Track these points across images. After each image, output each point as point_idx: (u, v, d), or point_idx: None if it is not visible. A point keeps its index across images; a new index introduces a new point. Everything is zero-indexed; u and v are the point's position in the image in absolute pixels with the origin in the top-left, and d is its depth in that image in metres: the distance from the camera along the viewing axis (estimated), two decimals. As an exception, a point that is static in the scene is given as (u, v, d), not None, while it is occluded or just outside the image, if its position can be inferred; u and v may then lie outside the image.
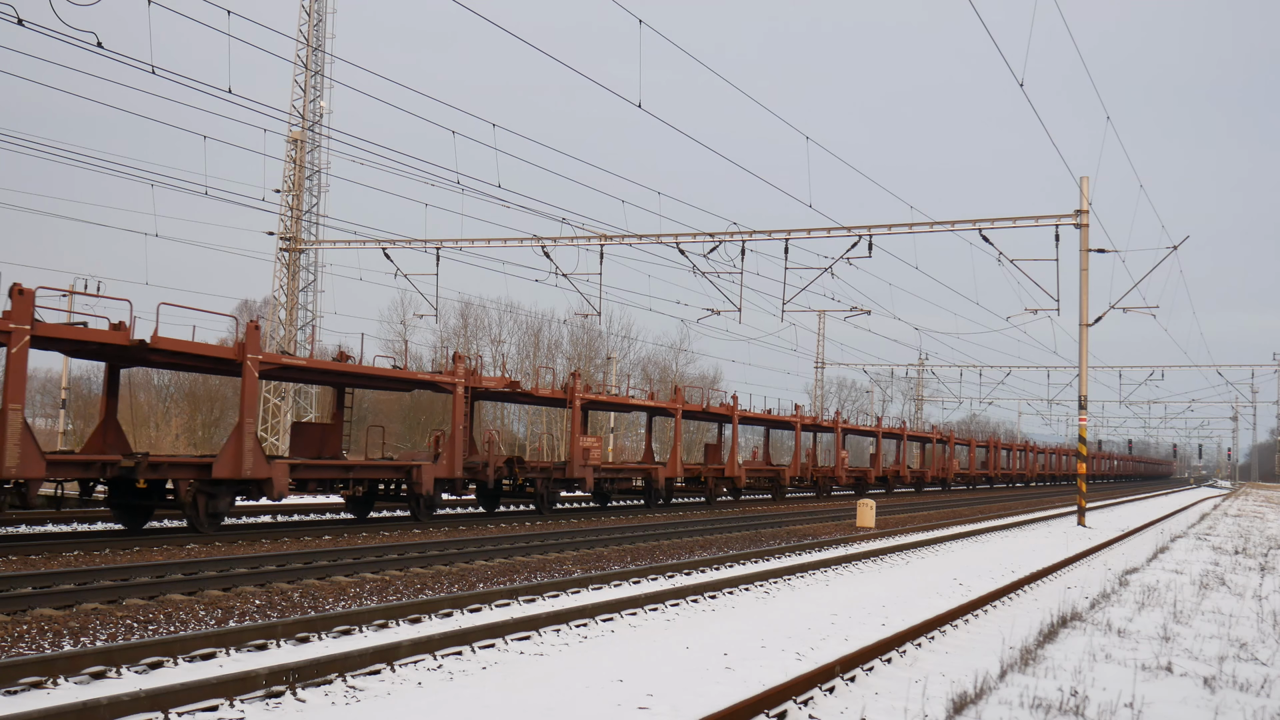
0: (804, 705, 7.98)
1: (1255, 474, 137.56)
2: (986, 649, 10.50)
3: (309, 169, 42.63)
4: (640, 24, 20.71)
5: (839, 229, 31.90)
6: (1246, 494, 75.24)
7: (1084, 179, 30.85)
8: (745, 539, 22.77)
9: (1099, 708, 7.60)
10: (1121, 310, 33.61)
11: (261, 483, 19.82)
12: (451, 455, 24.61)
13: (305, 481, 21.71)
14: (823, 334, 77.62)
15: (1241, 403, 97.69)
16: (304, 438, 25.25)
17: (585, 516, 28.78)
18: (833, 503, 41.99)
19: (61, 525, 21.11)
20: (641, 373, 73.15)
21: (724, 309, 34.35)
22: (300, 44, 41.26)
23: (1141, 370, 74.03)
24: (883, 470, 54.43)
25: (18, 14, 16.36)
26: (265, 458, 19.83)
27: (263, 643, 9.58)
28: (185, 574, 13.62)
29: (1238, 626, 11.69)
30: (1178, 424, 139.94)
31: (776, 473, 42.59)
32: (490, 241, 35.18)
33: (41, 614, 10.73)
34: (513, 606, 12.41)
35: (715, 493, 37.97)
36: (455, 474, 24.65)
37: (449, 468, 24.48)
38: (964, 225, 31.12)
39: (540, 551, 18.38)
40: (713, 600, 13.47)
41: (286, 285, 43.10)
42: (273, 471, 19.83)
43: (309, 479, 21.72)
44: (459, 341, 65.55)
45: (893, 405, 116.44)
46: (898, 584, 15.82)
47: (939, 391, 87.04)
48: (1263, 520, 36.53)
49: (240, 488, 19.80)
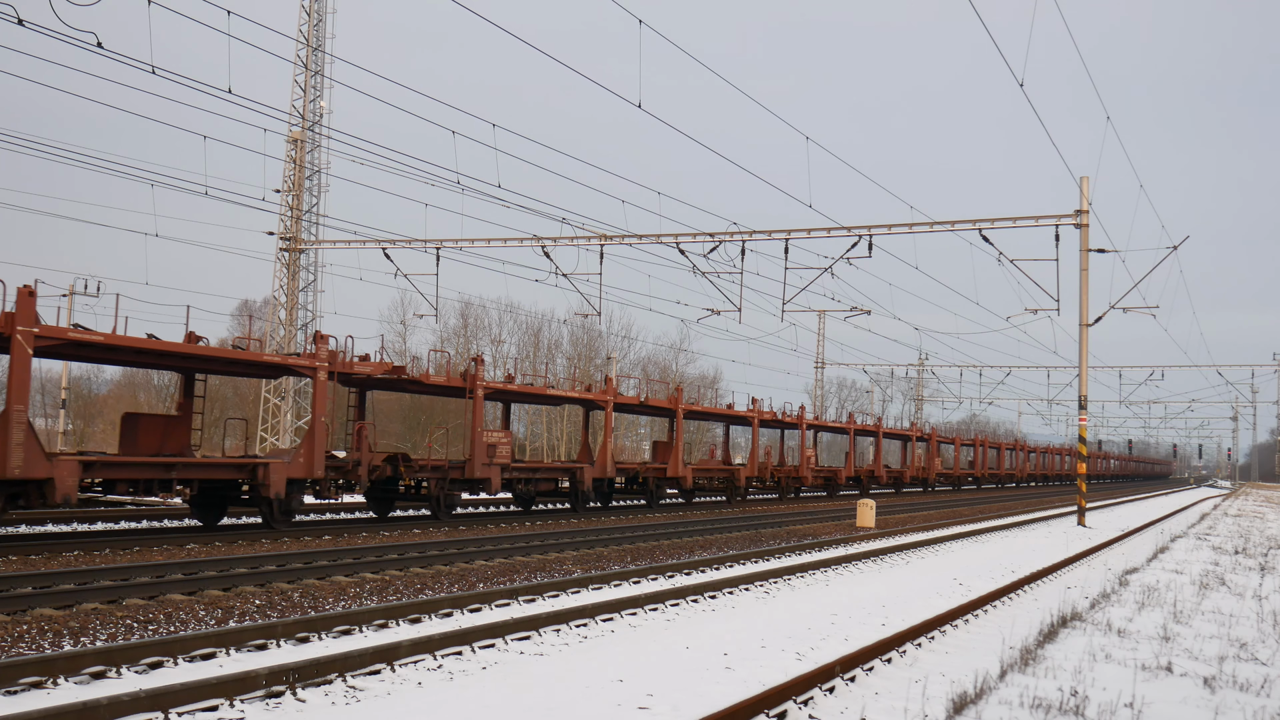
0: (804, 705, 7.98)
1: (1255, 474, 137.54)
2: (986, 649, 10.50)
3: (309, 169, 42.64)
4: (640, 24, 20.72)
5: (839, 229, 31.92)
6: (1246, 494, 75.24)
7: (1084, 179, 30.86)
8: (745, 539, 22.77)
9: (1099, 708, 7.59)
10: (1121, 310, 33.63)
11: (40, 484, 16.47)
12: (310, 451, 21.40)
13: (114, 482, 18.51)
14: (823, 334, 77.67)
15: (1241, 403, 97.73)
16: (140, 432, 21.18)
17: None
18: (833, 503, 41.97)
19: (61, 525, 21.12)
20: (642, 373, 73.13)
21: (724, 309, 34.36)
22: (300, 44, 41.26)
23: (1141, 370, 74.02)
24: (856, 470, 50.86)
25: (18, 14, 16.36)
26: (44, 453, 16.60)
27: (263, 643, 9.58)
28: (185, 574, 13.62)
29: (1238, 626, 11.69)
30: (1178, 424, 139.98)
31: (731, 473, 38.82)
32: (490, 241, 35.19)
33: (41, 614, 10.74)
34: (513, 606, 12.41)
35: (658, 494, 34.35)
36: (315, 473, 21.41)
37: (307, 466, 21.25)
38: (964, 225, 31.13)
39: (540, 551, 18.39)
40: (713, 600, 13.47)
41: (286, 285, 43.10)
42: (55, 470, 16.52)
43: (119, 479, 18.40)
44: (459, 341, 65.57)
45: (893, 405, 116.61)
46: (898, 584, 15.82)
47: (939, 391, 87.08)
48: (1263, 520, 36.53)
49: (11, 490, 16.41)
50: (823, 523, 28.61)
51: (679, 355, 76.42)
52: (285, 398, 44.72)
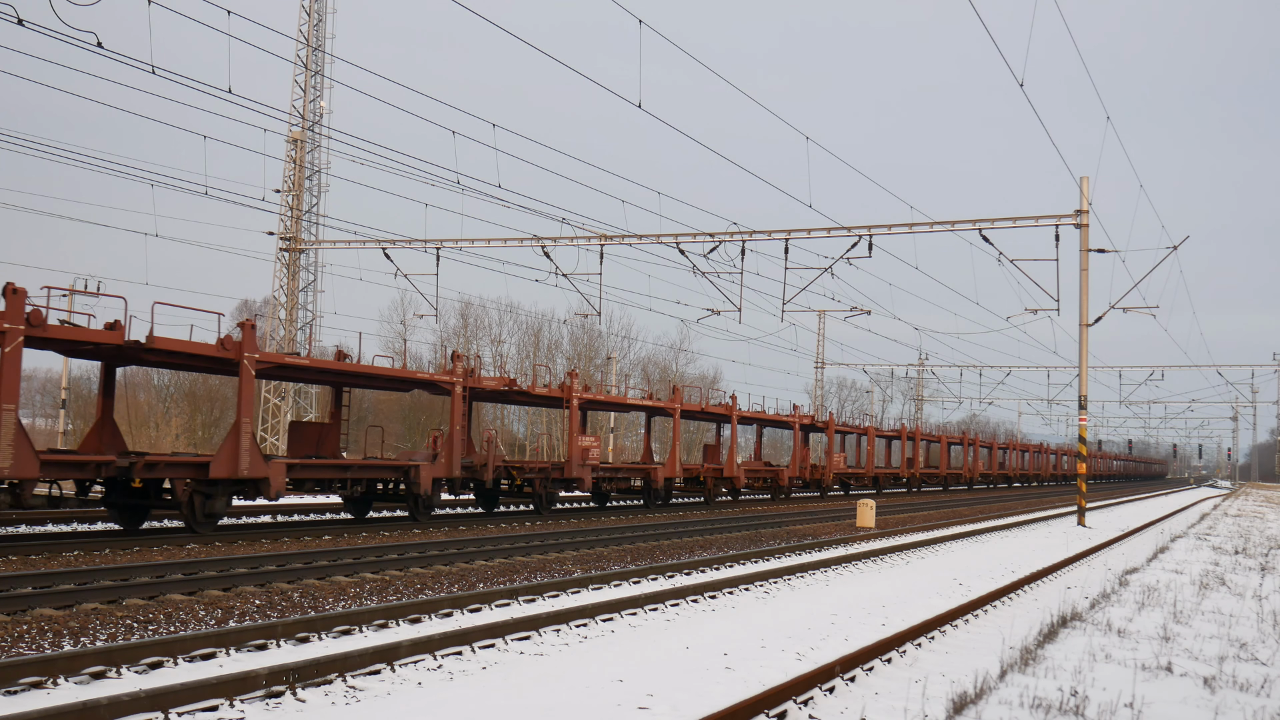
0: (804, 705, 7.98)
1: (1255, 474, 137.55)
2: (986, 649, 10.50)
3: (309, 169, 42.64)
4: (640, 24, 20.71)
5: (839, 229, 31.91)
6: (1246, 494, 75.24)
7: (1084, 179, 30.86)
8: (745, 539, 22.77)
9: (1099, 708, 7.59)
10: (1121, 310, 33.62)
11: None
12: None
13: (303, 481, 21.55)
14: (823, 334, 77.68)
15: (1241, 403, 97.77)
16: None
17: (584, 516, 28.58)
18: (834, 503, 41.98)
19: (61, 525, 21.12)
20: (641, 373, 73.19)
21: (724, 309, 34.38)
22: (300, 44, 41.26)
23: (1141, 370, 74.08)
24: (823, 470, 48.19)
25: (18, 14, 16.36)
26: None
27: (263, 643, 9.58)
28: (185, 574, 13.62)
29: (1238, 626, 11.69)
30: (1178, 424, 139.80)
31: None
32: (490, 241, 35.19)
33: (41, 614, 10.73)
34: (513, 606, 12.41)
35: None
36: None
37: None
38: (964, 225, 31.13)
39: (540, 551, 18.38)
40: (713, 600, 13.47)
41: (286, 285, 43.10)
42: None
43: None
44: (459, 341, 65.57)
45: (893, 405, 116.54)
46: (897, 584, 15.82)
47: (939, 391, 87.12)
48: (1263, 520, 36.53)
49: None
50: (823, 523, 28.62)
51: (679, 355, 76.48)
52: (285, 398, 44.74)
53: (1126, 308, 33.56)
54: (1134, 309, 33.73)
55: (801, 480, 46.15)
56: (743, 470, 38.88)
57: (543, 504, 28.08)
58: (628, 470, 33.25)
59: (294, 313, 43.16)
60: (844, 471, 50.54)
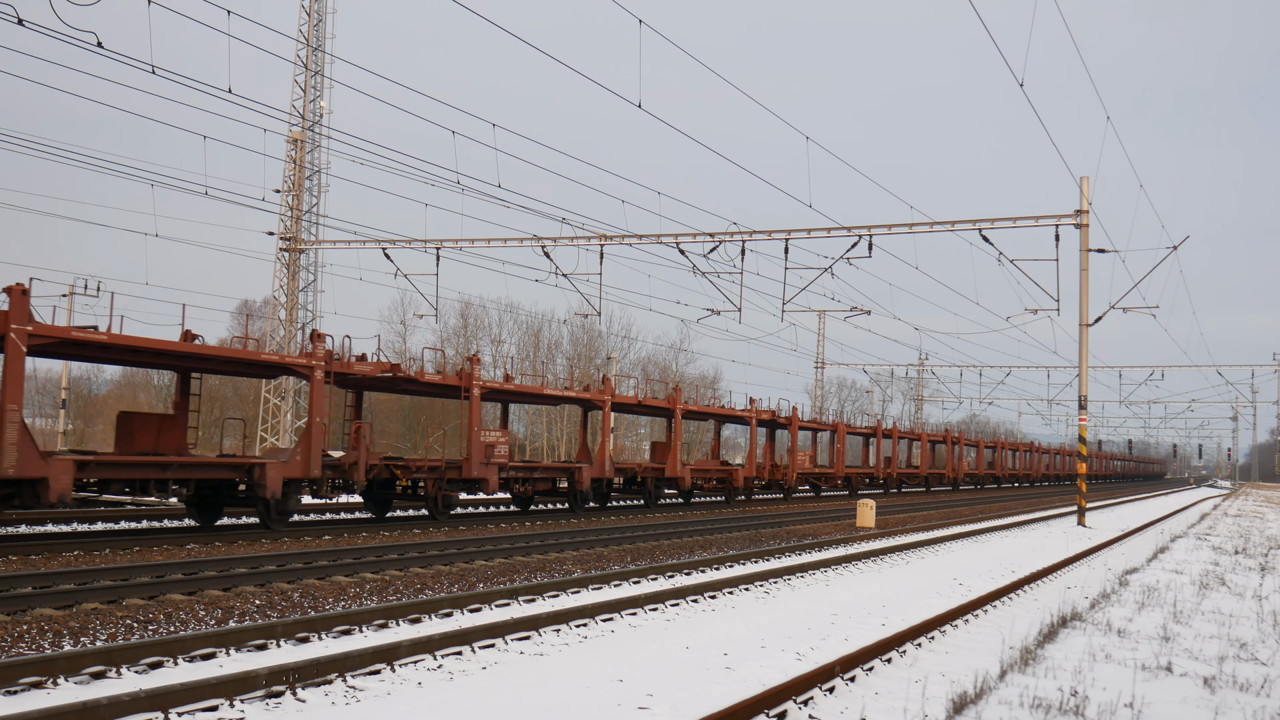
0: (804, 705, 7.99)
1: (1255, 474, 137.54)
2: (986, 649, 10.50)
3: (309, 169, 42.64)
4: (640, 24, 20.71)
5: (839, 229, 31.92)
6: (1246, 494, 75.25)
7: (1084, 179, 30.86)
8: (745, 539, 22.77)
9: (1099, 708, 7.60)
10: (1121, 310, 33.62)
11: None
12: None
13: (110, 482, 18.46)
14: (823, 334, 77.69)
15: (1241, 403, 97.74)
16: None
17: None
18: (833, 503, 41.97)
19: (61, 525, 21.12)
20: (641, 373, 73.13)
21: (724, 309, 34.36)
22: (300, 44, 41.27)
23: (1141, 370, 74.04)
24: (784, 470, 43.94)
25: (18, 14, 16.36)
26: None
27: (263, 643, 9.58)
28: (185, 574, 13.62)
29: (1238, 626, 11.69)
30: (1178, 424, 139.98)
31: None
32: (490, 241, 35.19)
33: (41, 614, 10.74)
34: (513, 606, 12.41)
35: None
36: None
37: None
38: (964, 225, 31.14)
39: (540, 551, 18.38)
40: (713, 600, 13.47)
41: (286, 285, 43.10)
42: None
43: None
44: (459, 341, 65.58)
45: (893, 405, 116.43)
46: (897, 584, 15.82)
47: (939, 391, 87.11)
48: (1263, 520, 36.53)
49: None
50: (822, 523, 28.63)
51: (679, 355, 76.45)
52: (285, 398, 44.72)
53: (1126, 308, 33.57)
54: (1134, 309, 33.74)
55: (760, 481, 42.10)
56: (689, 470, 35.15)
57: (437, 508, 24.85)
58: (547, 470, 29.46)
59: (294, 313, 43.16)
60: (809, 471, 46.24)
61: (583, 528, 23.53)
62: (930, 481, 63.46)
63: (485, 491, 26.27)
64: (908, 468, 61.62)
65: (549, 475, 29.37)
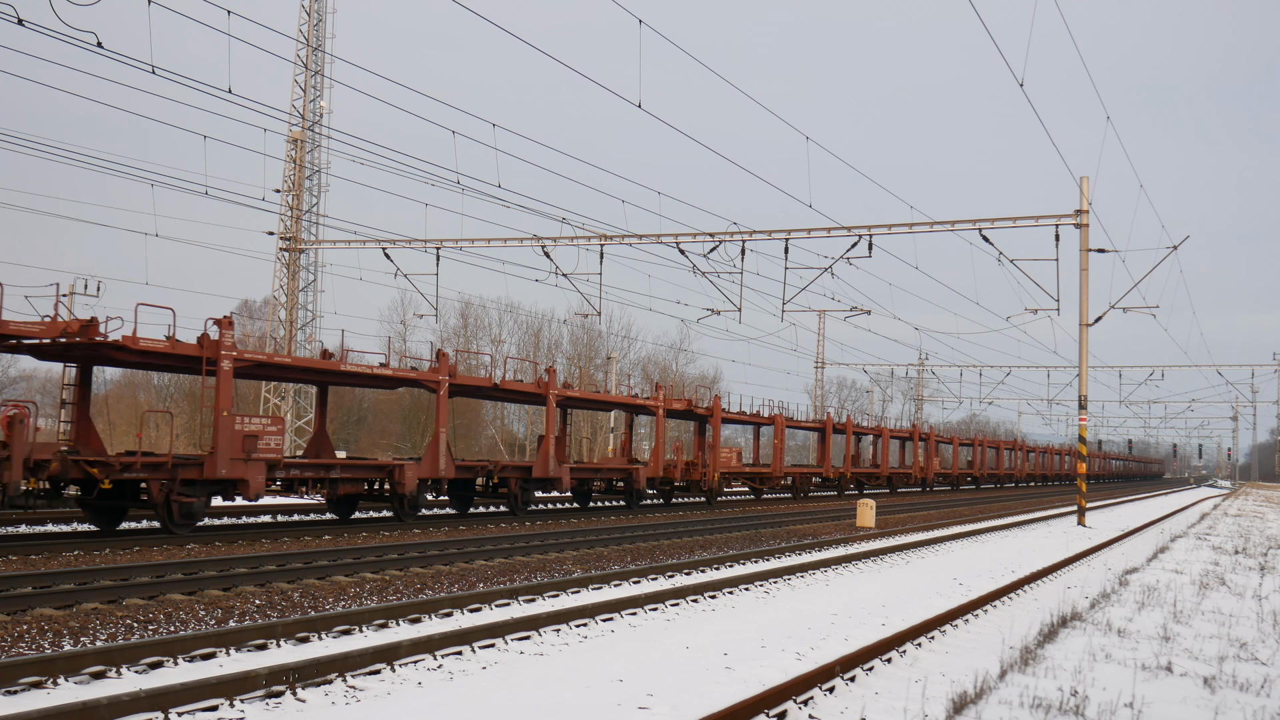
0: (804, 705, 7.99)
1: (1255, 474, 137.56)
2: (986, 649, 10.50)
3: (309, 169, 42.65)
4: (640, 24, 20.72)
5: (839, 229, 31.92)
6: (1246, 494, 75.23)
7: (1084, 179, 30.87)
8: (745, 539, 22.78)
9: (1099, 708, 7.60)
10: (1121, 310, 33.63)
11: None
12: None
13: (291, 482, 21.35)
14: (823, 334, 77.72)
15: (1241, 403, 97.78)
16: None
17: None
18: (832, 503, 41.98)
19: (61, 525, 21.12)
20: (641, 372, 73.14)
21: (724, 309, 34.37)
22: (300, 44, 41.27)
23: (1141, 370, 74.09)
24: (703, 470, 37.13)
25: (18, 14, 16.36)
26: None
27: (263, 643, 9.58)
28: (185, 574, 13.63)
29: (1238, 626, 11.70)
30: (1178, 424, 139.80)
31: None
32: (490, 241, 35.19)
33: (41, 614, 10.74)
34: (513, 606, 12.41)
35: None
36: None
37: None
38: (964, 225, 31.14)
39: (540, 551, 18.39)
40: (713, 600, 13.47)
41: (286, 285, 43.11)
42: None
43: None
44: (459, 341, 65.58)
45: (893, 405, 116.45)
46: (897, 584, 15.82)
47: (939, 391, 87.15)
48: (1263, 520, 36.53)
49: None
50: (822, 523, 28.64)
51: (679, 355, 76.47)
52: (285, 398, 44.72)
53: (1126, 308, 33.58)
54: (1134, 309, 33.75)
55: (671, 482, 35.69)
56: (567, 469, 29.22)
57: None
58: (359, 469, 23.30)
59: (294, 313, 43.16)
60: (738, 470, 40.05)
61: (583, 527, 23.56)
62: (895, 482, 57.86)
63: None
64: (870, 466, 55.42)
65: (359, 477, 23.29)
